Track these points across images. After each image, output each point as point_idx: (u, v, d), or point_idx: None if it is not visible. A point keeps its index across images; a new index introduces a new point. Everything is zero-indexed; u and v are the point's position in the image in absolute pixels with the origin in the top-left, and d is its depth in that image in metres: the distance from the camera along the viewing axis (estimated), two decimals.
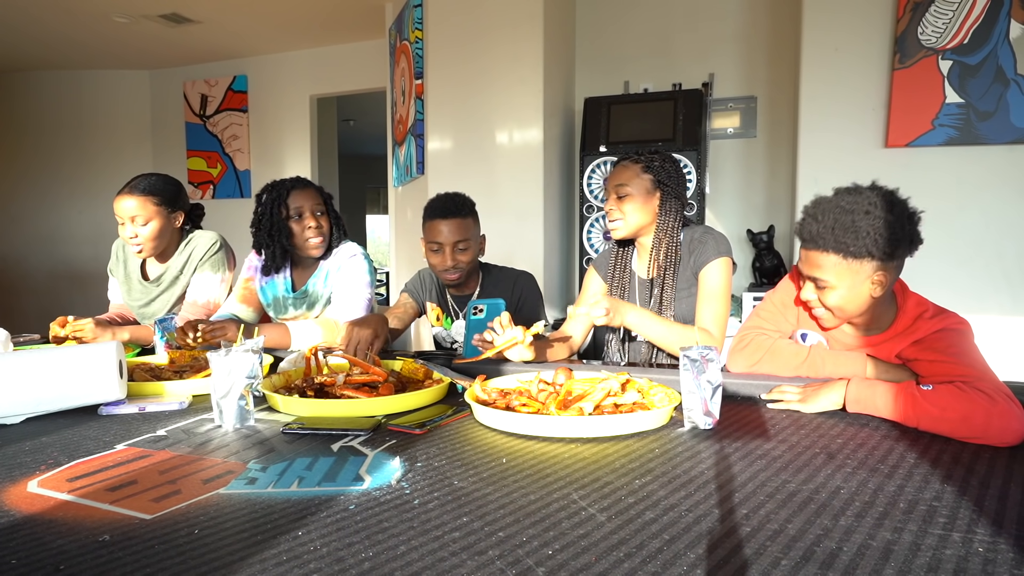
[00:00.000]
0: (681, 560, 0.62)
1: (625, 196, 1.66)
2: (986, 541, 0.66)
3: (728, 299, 1.65)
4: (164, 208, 2.03)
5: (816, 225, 1.23)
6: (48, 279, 6.07)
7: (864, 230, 1.18)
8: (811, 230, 1.24)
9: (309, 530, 0.70)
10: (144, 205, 1.99)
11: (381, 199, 10.89)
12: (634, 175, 1.67)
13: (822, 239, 1.22)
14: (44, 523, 0.73)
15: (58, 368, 1.20)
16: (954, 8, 2.77)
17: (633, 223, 1.68)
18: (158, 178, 2.07)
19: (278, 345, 1.80)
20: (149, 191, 2.01)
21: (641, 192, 1.67)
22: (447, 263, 1.86)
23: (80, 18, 4.63)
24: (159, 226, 2.01)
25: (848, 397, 1.16)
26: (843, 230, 1.19)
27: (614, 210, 1.68)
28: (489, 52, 3.44)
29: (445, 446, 0.99)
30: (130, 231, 1.99)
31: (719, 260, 1.63)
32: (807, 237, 1.25)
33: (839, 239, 1.20)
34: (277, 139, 5.66)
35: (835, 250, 1.21)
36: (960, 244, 2.84)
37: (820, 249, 1.23)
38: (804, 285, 1.31)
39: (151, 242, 2.02)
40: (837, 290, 1.24)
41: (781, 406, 1.20)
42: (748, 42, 3.58)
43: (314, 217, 1.94)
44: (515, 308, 1.93)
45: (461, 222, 1.86)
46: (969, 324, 1.24)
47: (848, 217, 1.19)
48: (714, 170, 3.65)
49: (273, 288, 2.06)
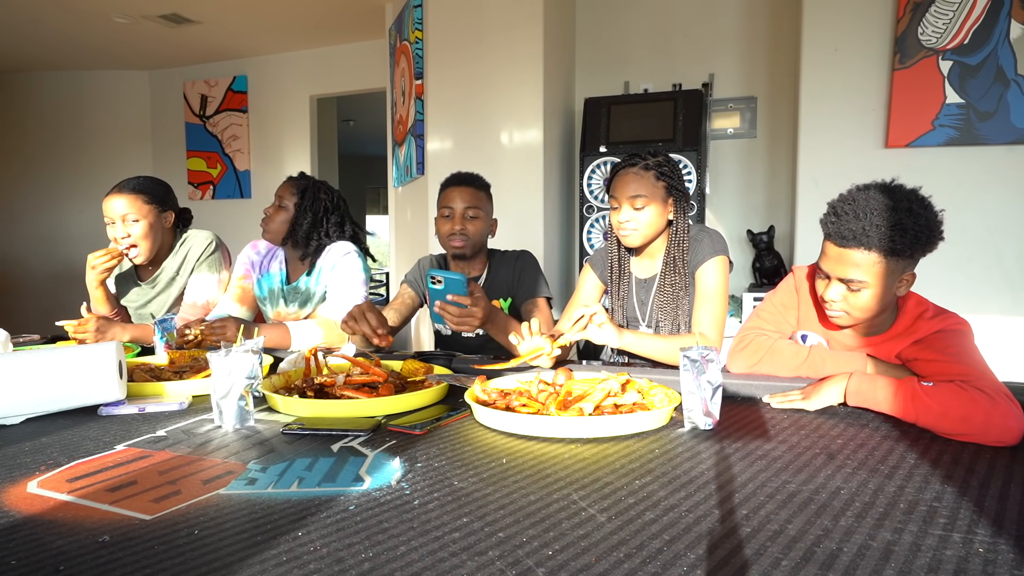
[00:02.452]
0: (681, 560, 0.62)
1: (642, 206, 1.64)
2: (986, 542, 0.66)
3: (726, 299, 1.64)
4: (154, 207, 2.02)
5: (858, 223, 1.17)
6: (48, 279, 6.07)
7: (911, 228, 1.16)
8: (852, 228, 1.18)
9: (309, 530, 0.70)
10: (134, 203, 1.98)
11: (381, 199, 10.89)
12: (649, 184, 1.64)
13: (867, 237, 1.16)
14: (44, 524, 0.73)
15: (58, 368, 1.20)
16: (954, 8, 2.77)
17: (650, 232, 1.66)
18: (146, 178, 2.08)
19: (278, 345, 1.80)
20: (138, 189, 2.01)
21: (657, 200, 1.64)
22: (455, 227, 1.86)
23: (80, 18, 4.63)
24: (149, 224, 2.00)
25: (849, 389, 1.15)
26: (890, 228, 1.15)
27: (631, 220, 1.64)
28: (489, 52, 3.44)
29: (445, 446, 0.99)
30: (121, 231, 1.98)
31: (716, 259, 1.63)
32: (848, 235, 1.18)
33: (886, 237, 1.15)
34: (277, 139, 5.67)
35: (879, 249, 1.17)
36: (960, 244, 2.84)
37: (862, 247, 1.17)
38: (830, 284, 1.25)
39: (143, 240, 2.01)
40: (871, 290, 1.21)
41: (786, 405, 1.19)
42: (748, 42, 3.58)
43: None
44: (515, 286, 1.91)
45: (475, 192, 1.89)
46: (969, 324, 1.24)
47: (895, 215, 1.16)
48: (714, 170, 3.65)
49: (269, 281, 2.07)
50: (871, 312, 1.25)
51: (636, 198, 1.63)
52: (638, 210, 1.64)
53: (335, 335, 1.87)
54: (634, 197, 1.63)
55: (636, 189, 1.63)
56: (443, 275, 1.43)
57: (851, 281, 1.21)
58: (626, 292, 1.78)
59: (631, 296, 1.78)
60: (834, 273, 1.23)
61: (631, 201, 1.63)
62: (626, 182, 1.64)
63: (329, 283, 2.01)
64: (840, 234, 1.20)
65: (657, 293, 1.71)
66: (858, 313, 1.25)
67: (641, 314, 1.77)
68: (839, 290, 1.24)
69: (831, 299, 1.26)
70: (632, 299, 1.77)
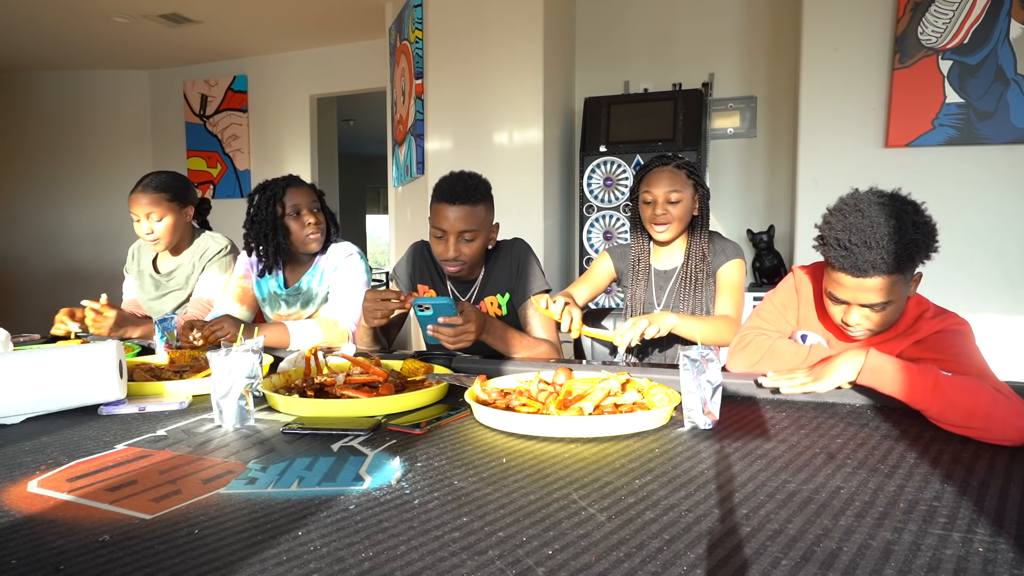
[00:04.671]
0: (681, 560, 0.62)
1: (677, 200, 1.78)
2: (986, 541, 0.66)
3: (744, 293, 1.81)
4: (176, 204, 2.15)
5: (871, 253, 1.14)
6: (48, 279, 6.07)
7: (919, 243, 1.16)
8: (868, 259, 1.15)
9: (309, 530, 0.70)
10: (158, 202, 2.11)
11: (381, 199, 10.89)
12: (682, 181, 1.79)
13: (884, 264, 1.14)
14: (44, 523, 0.73)
15: (58, 368, 1.20)
16: (954, 8, 2.77)
17: (682, 226, 1.82)
18: (167, 175, 2.19)
19: (277, 345, 1.80)
20: (161, 188, 2.13)
21: (688, 197, 1.80)
22: (448, 253, 1.69)
23: (80, 18, 4.63)
24: (173, 221, 2.14)
25: (866, 365, 1.12)
26: (903, 248, 1.14)
27: (666, 214, 1.78)
28: (489, 52, 3.44)
29: (445, 446, 0.99)
30: (146, 227, 2.12)
31: (738, 261, 1.82)
32: (865, 267, 1.15)
33: (901, 257, 1.14)
34: (277, 139, 5.67)
35: (897, 270, 1.15)
36: (960, 244, 2.84)
37: (881, 275, 1.15)
38: (850, 310, 1.23)
39: (167, 236, 2.15)
40: (892, 304, 1.20)
41: (797, 389, 1.17)
42: (748, 42, 3.58)
43: (312, 213, 1.98)
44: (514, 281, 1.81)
45: (470, 210, 1.67)
46: (969, 324, 1.24)
47: (902, 234, 1.14)
48: (714, 170, 3.65)
49: (266, 284, 2.07)
50: (894, 322, 1.26)
51: (672, 192, 1.77)
52: (673, 204, 1.78)
53: (335, 334, 1.87)
54: (670, 192, 1.77)
55: (671, 185, 1.78)
56: (429, 302, 1.40)
57: (874, 305, 1.20)
58: (645, 281, 1.89)
59: (650, 285, 1.89)
60: (855, 301, 1.21)
61: (667, 196, 1.78)
62: (662, 179, 1.79)
63: (331, 284, 2.01)
64: (856, 267, 1.16)
65: (678, 283, 1.85)
66: (882, 328, 1.26)
67: (658, 300, 1.88)
68: (862, 313, 1.23)
69: (855, 323, 1.24)
70: (651, 287, 1.89)
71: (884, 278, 1.16)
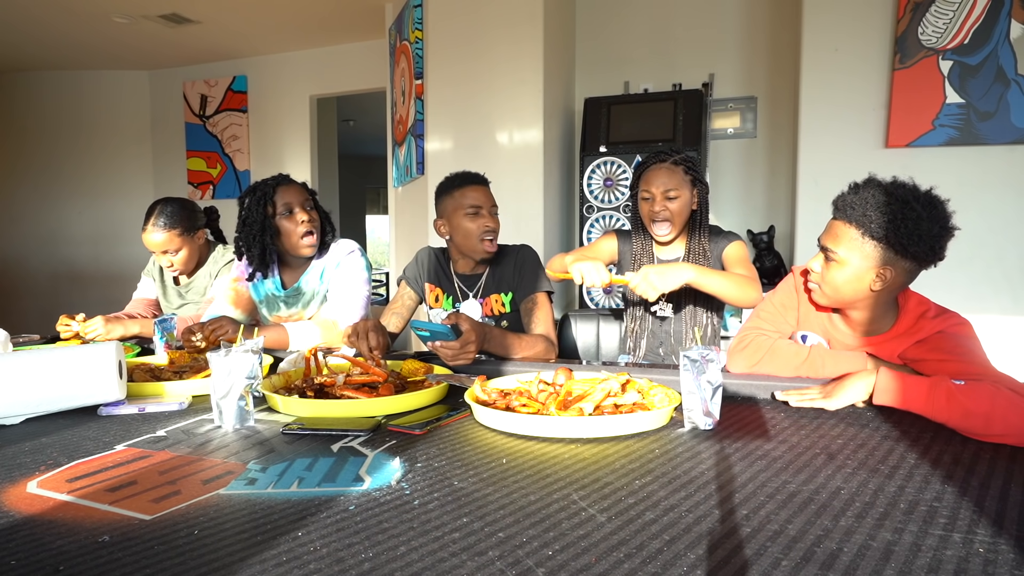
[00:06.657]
0: (681, 561, 0.62)
1: (675, 196, 1.80)
2: (986, 542, 0.66)
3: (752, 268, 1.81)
4: (187, 235, 2.25)
5: (852, 197, 1.25)
6: (48, 279, 6.07)
7: (893, 215, 1.19)
8: (845, 200, 1.26)
9: (309, 531, 0.70)
10: (171, 240, 2.21)
11: (381, 199, 10.89)
12: (679, 177, 1.80)
13: (851, 209, 1.24)
14: (44, 524, 0.73)
15: (58, 368, 1.20)
16: (954, 8, 2.77)
17: (681, 221, 1.84)
18: (172, 207, 2.24)
19: (276, 346, 1.80)
20: (170, 225, 2.20)
21: (686, 193, 1.81)
22: (490, 223, 1.81)
23: (80, 18, 4.63)
24: (188, 251, 2.27)
25: (878, 387, 1.12)
26: (873, 208, 1.21)
27: (665, 210, 1.80)
28: (489, 52, 3.44)
29: (445, 446, 0.99)
30: (166, 261, 2.26)
31: (737, 241, 1.85)
32: (839, 206, 1.27)
33: (865, 214, 1.22)
34: (277, 139, 5.66)
35: (858, 224, 1.23)
36: (960, 244, 2.80)
37: (844, 219, 1.25)
38: (817, 255, 1.33)
39: (185, 264, 2.29)
40: (842, 267, 1.26)
41: (806, 404, 1.17)
42: (748, 42, 3.58)
43: (305, 211, 1.91)
44: (516, 281, 1.87)
45: (489, 190, 1.88)
46: (970, 323, 1.24)
47: (884, 198, 1.21)
48: (714, 170, 3.65)
49: (263, 286, 2.05)
50: (840, 295, 1.29)
51: (671, 190, 1.79)
52: (671, 200, 1.80)
53: (334, 335, 1.87)
54: (668, 189, 1.79)
55: (670, 184, 1.79)
56: (427, 327, 1.43)
57: (829, 251, 1.27)
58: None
59: None
60: (822, 240, 1.30)
61: (665, 194, 1.79)
62: (660, 176, 1.80)
63: (332, 281, 2.00)
64: (835, 204, 1.28)
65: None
66: (827, 289, 1.30)
67: None
68: (820, 261, 1.31)
69: (812, 268, 1.33)
70: None
71: (845, 225, 1.25)
